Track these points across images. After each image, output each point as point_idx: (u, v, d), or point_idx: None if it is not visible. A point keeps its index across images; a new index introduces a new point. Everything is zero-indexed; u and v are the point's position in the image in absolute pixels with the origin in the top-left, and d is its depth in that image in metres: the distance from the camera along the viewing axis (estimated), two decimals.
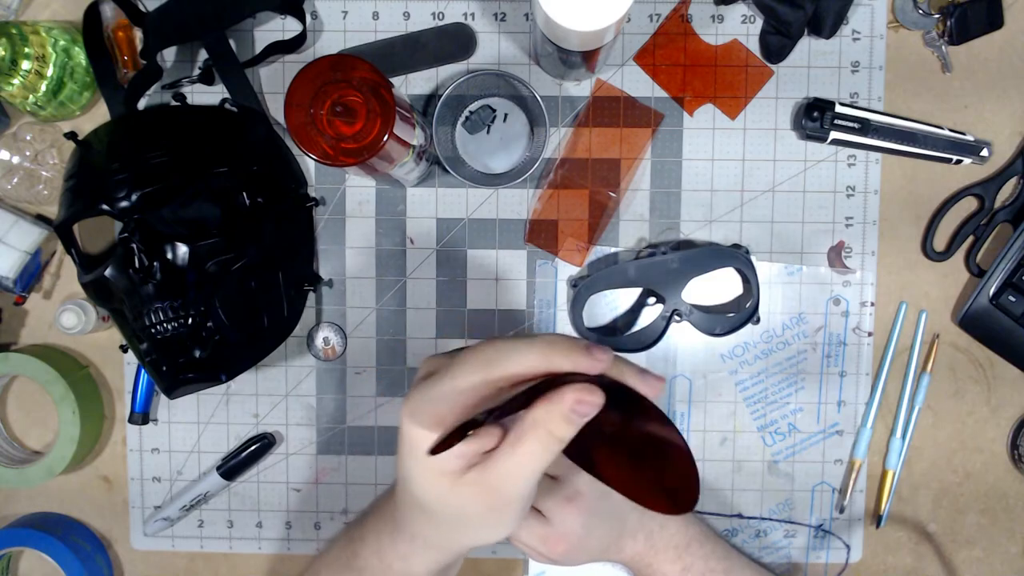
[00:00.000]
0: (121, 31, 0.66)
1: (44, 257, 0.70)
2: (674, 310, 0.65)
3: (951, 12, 0.65)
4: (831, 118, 0.65)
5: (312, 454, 0.70)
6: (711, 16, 0.67)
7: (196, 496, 0.69)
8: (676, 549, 0.60)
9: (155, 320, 0.59)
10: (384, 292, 0.69)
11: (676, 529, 0.61)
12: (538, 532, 0.56)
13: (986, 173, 0.67)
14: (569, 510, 0.55)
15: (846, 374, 0.69)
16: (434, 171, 0.68)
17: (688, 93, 0.67)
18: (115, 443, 0.71)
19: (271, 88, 0.68)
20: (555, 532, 0.55)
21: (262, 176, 0.64)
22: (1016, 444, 0.68)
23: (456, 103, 0.67)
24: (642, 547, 0.60)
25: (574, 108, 0.67)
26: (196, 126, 0.64)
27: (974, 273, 0.68)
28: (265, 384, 0.70)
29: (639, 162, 0.67)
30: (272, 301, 0.64)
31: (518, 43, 0.67)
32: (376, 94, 0.51)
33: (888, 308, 0.68)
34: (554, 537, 0.55)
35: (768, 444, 0.69)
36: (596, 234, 0.68)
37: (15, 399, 0.72)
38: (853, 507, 0.69)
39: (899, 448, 0.68)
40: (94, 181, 0.59)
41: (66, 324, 0.66)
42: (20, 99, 0.63)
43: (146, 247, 0.58)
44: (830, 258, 0.68)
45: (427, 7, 0.67)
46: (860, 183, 0.67)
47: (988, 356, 0.68)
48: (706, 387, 0.69)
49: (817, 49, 0.67)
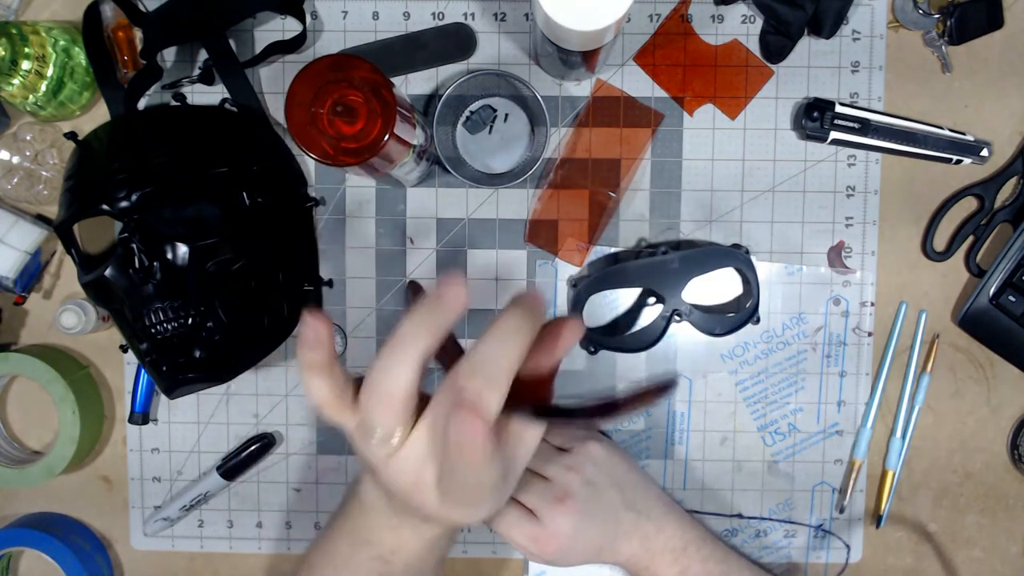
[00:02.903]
0: (121, 31, 0.66)
1: (44, 257, 0.70)
2: (674, 310, 0.65)
3: (951, 12, 0.65)
4: (831, 118, 0.65)
5: (312, 454, 0.70)
6: (711, 16, 0.67)
7: (196, 496, 0.69)
8: (673, 552, 0.60)
9: (155, 320, 0.59)
10: (384, 292, 0.69)
11: (673, 532, 0.60)
12: (528, 531, 0.56)
13: (986, 173, 0.67)
14: (560, 510, 0.56)
15: (846, 374, 0.69)
16: (434, 171, 0.68)
17: (688, 93, 0.67)
18: (115, 443, 0.71)
19: (271, 88, 0.68)
20: (545, 532, 0.56)
21: (262, 176, 0.64)
22: (1016, 444, 0.68)
23: (457, 103, 0.67)
24: (638, 549, 0.60)
25: (574, 108, 0.67)
26: (196, 126, 0.64)
27: (974, 273, 0.68)
28: (265, 384, 0.70)
29: (639, 162, 0.68)
30: (272, 301, 0.64)
31: (518, 43, 0.67)
32: (377, 94, 0.51)
33: (888, 308, 0.68)
34: (544, 536, 0.56)
35: (768, 444, 0.69)
36: (596, 234, 0.68)
37: (15, 399, 0.72)
38: (853, 507, 0.69)
39: (899, 448, 0.68)
40: (94, 181, 0.59)
41: (66, 324, 0.66)
42: (20, 99, 0.63)
43: (146, 247, 0.58)
44: (830, 258, 0.68)
45: (427, 7, 0.67)
46: (860, 183, 0.67)
47: (988, 356, 0.68)
48: (706, 387, 0.69)
49: (817, 49, 0.67)
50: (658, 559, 0.60)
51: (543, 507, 0.56)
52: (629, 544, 0.60)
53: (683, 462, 0.70)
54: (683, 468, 0.70)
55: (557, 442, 0.61)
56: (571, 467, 0.59)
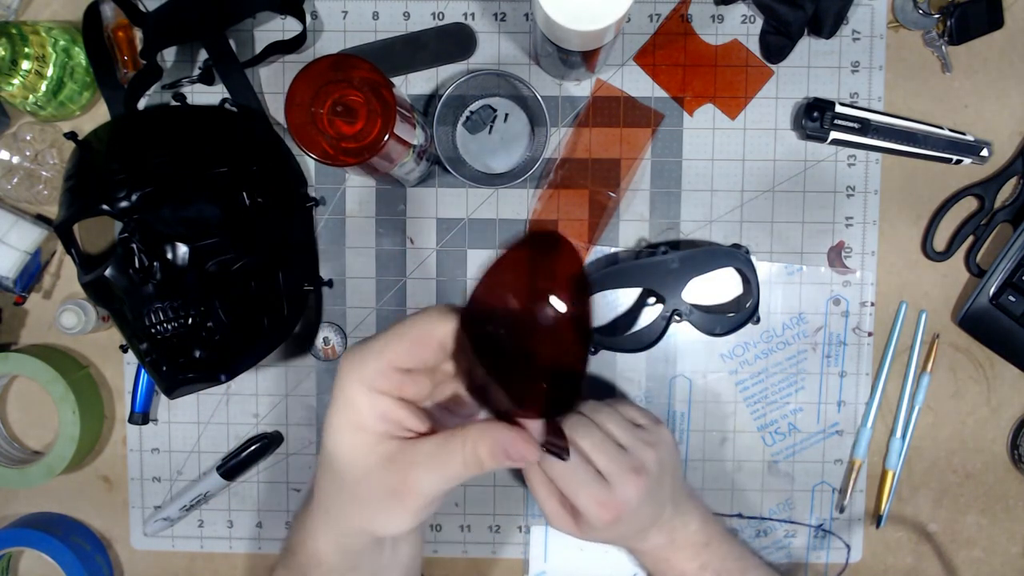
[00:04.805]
0: (121, 31, 0.66)
1: (44, 257, 0.70)
2: (674, 310, 0.65)
3: (951, 12, 0.65)
4: (831, 118, 0.65)
5: (312, 454, 0.70)
6: (711, 16, 0.67)
7: (196, 496, 0.69)
8: (695, 547, 0.61)
9: (155, 320, 0.59)
10: (384, 292, 0.69)
11: (698, 527, 0.61)
12: (598, 495, 0.56)
13: (986, 173, 0.67)
14: (634, 481, 0.56)
15: (846, 374, 0.69)
16: (434, 171, 0.68)
17: (688, 93, 0.67)
18: (115, 443, 0.71)
19: (271, 88, 0.68)
20: (614, 499, 0.56)
21: (262, 176, 0.64)
22: (1016, 444, 0.68)
23: (457, 103, 0.67)
24: (664, 540, 0.60)
25: (574, 108, 0.67)
26: (196, 126, 0.64)
27: (974, 273, 0.68)
28: (265, 384, 0.70)
29: (639, 162, 0.68)
30: (272, 301, 0.64)
31: (518, 43, 0.67)
32: (377, 94, 0.51)
33: (888, 308, 0.68)
34: (612, 503, 0.56)
35: (768, 444, 0.69)
36: (596, 234, 0.68)
37: (15, 399, 0.72)
38: (853, 507, 0.69)
39: (899, 448, 0.68)
40: (94, 181, 0.59)
41: (66, 324, 0.66)
42: (20, 99, 0.63)
43: (146, 247, 0.58)
44: (830, 258, 0.68)
45: (427, 7, 0.67)
46: (860, 183, 0.67)
47: (988, 356, 0.68)
48: (706, 387, 0.69)
49: (817, 49, 0.67)
50: (680, 553, 0.61)
51: (618, 474, 0.56)
52: (659, 534, 0.60)
53: (683, 462, 0.70)
54: (683, 468, 0.70)
55: (629, 415, 0.62)
56: (649, 444, 0.59)
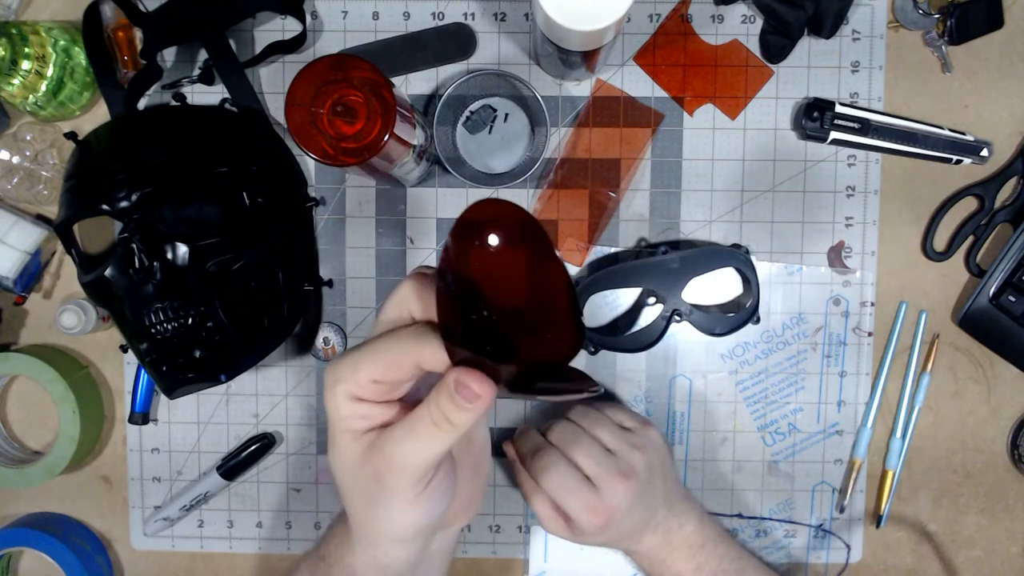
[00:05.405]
0: (121, 31, 0.66)
1: (44, 257, 0.70)
2: (674, 310, 0.65)
3: (951, 12, 0.65)
4: (831, 118, 0.65)
5: (312, 454, 0.70)
6: (711, 16, 0.67)
7: (196, 496, 0.69)
8: (691, 548, 0.61)
9: (155, 320, 0.59)
10: (384, 292, 0.69)
11: (693, 528, 0.61)
12: (586, 500, 0.56)
13: (986, 173, 0.67)
14: (622, 485, 0.56)
15: (846, 374, 0.69)
16: (434, 171, 0.68)
17: (688, 93, 0.67)
18: (115, 443, 0.71)
19: (271, 88, 0.68)
20: (603, 503, 0.56)
21: (262, 176, 0.64)
22: (1016, 444, 0.68)
23: (457, 103, 0.67)
24: (660, 541, 0.60)
25: (574, 108, 0.67)
26: (196, 126, 0.64)
27: (974, 273, 0.68)
28: (265, 384, 0.70)
29: (639, 162, 0.68)
30: (272, 301, 0.64)
31: (518, 43, 0.67)
32: (377, 94, 0.51)
33: (888, 308, 0.68)
34: (601, 508, 0.56)
35: (768, 444, 0.69)
36: (596, 234, 0.68)
37: (15, 399, 0.72)
38: (853, 507, 0.69)
39: (899, 448, 0.68)
40: (94, 181, 0.59)
41: (66, 324, 0.66)
42: (20, 99, 0.63)
43: (146, 247, 0.58)
44: (830, 258, 0.68)
45: (427, 7, 0.67)
46: (860, 183, 0.67)
47: (988, 356, 0.68)
48: (706, 387, 0.69)
49: (817, 49, 0.67)
50: (676, 554, 0.61)
51: (606, 478, 0.56)
52: (654, 535, 0.60)
53: (683, 462, 0.70)
54: (683, 468, 0.70)
55: (617, 419, 0.62)
56: (637, 447, 0.59)
